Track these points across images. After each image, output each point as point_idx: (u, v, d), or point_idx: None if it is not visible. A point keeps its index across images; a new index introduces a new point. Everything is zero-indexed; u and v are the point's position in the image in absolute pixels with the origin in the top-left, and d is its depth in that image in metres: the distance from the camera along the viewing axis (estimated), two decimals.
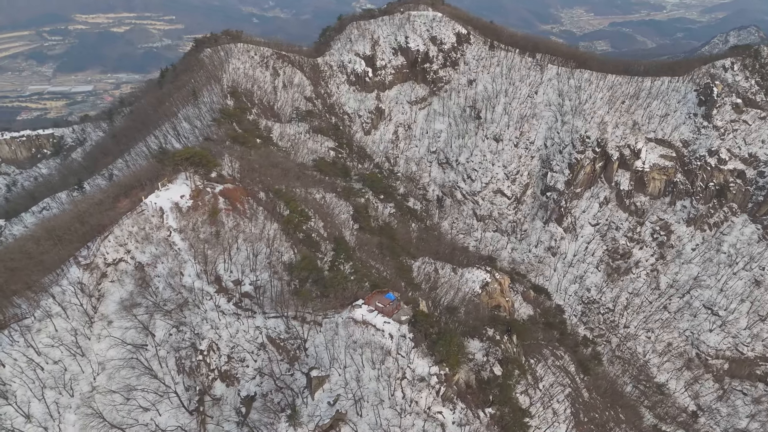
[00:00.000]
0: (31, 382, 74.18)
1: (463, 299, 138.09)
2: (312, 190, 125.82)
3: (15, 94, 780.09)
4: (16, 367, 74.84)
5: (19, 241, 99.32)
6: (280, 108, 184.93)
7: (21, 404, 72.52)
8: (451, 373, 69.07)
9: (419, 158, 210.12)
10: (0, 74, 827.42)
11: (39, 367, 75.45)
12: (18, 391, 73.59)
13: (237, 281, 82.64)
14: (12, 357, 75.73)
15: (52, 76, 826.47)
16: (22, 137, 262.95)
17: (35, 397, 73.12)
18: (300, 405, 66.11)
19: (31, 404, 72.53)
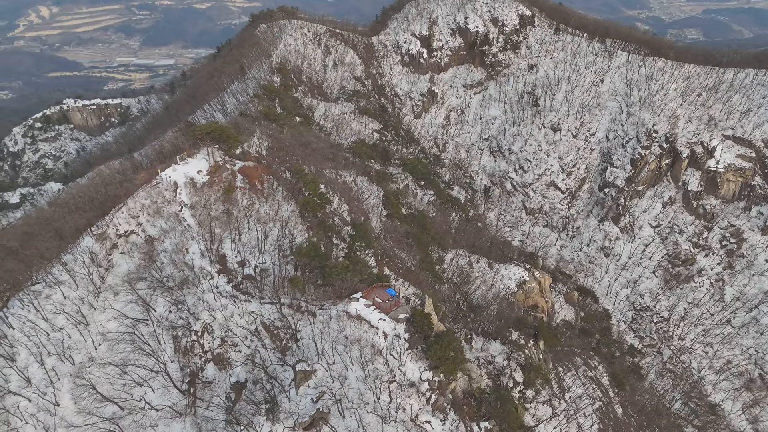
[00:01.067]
0: (34, 346, 75.41)
1: (497, 297, 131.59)
2: (343, 173, 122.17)
3: (104, 65, 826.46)
4: (23, 331, 76.36)
5: (42, 207, 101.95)
6: (329, 87, 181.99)
7: (23, 368, 74.02)
8: (447, 381, 63.81)
9: (470, 145, 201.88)
10: (91, 45, 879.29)
11: (44, 333, 76.63)
12: (21, 354, 75.18)
13: (242, 262, 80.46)
14: (21, 320, 77.34)
15: (138, 49, 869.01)
16: (93, 106, 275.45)
17: (36, 362, 74.28)
18: (282, 399, 63.10)
19: (31, 368, 73.84)
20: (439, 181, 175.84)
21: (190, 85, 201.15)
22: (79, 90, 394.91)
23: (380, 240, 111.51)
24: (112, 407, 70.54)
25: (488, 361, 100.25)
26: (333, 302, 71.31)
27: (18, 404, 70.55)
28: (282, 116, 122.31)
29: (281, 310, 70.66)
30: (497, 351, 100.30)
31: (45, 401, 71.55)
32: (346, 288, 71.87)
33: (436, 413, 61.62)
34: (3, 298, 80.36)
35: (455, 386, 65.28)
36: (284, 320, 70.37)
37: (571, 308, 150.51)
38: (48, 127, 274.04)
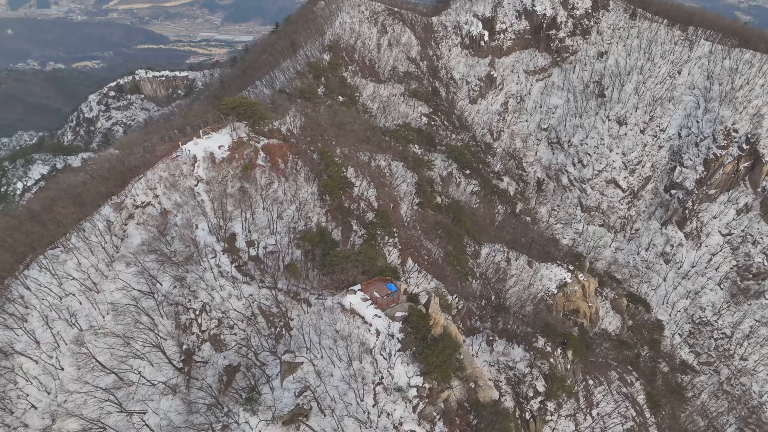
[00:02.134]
0: (46, 310, 77.03)
1: (534, 298, 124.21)
2: (378, 156, 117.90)
3: (187, 39, 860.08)
4: (38, 294, 78.14)
5: (70, 174, 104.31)
6: (381, 67, 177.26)
7: (33, 330, 75.81)
8: (439, 388, 59.03)
9: (527, 135, 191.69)
10: (178, 20, 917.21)
11: (56, 297, 78.09)
12: (34, 315, 77.01)
13: (251, 243, 78.46)
14: (37, 283, 79.16)
15: (220, 25, 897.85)
16: (162, 77, 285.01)
17: (46, 325, 75.81)
18: (266, 389, 60.66)
19: (39, 331, 75.45)
20: (487, 170, 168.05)
21: (245, 60, 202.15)
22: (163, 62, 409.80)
23: (407, 229, 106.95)
24: (111, 377, 70.91)
25: (509, 366, 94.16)
26: (331, 292, 67.89)
27: (21, 365, 72.34)
28: (318, 95, 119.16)
29: (276, 296, 68.04)
30: (519, 357, 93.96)
31: (49, 364, 73.00)
32: (346, 279, 68.17)
33: (423, 423, 57.15)
34: (25, 260, 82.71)
35: (449, 395, 60.38)
36: (280, 307, 67.72)
37: (617, 316, 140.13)
38: (121, 96, 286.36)
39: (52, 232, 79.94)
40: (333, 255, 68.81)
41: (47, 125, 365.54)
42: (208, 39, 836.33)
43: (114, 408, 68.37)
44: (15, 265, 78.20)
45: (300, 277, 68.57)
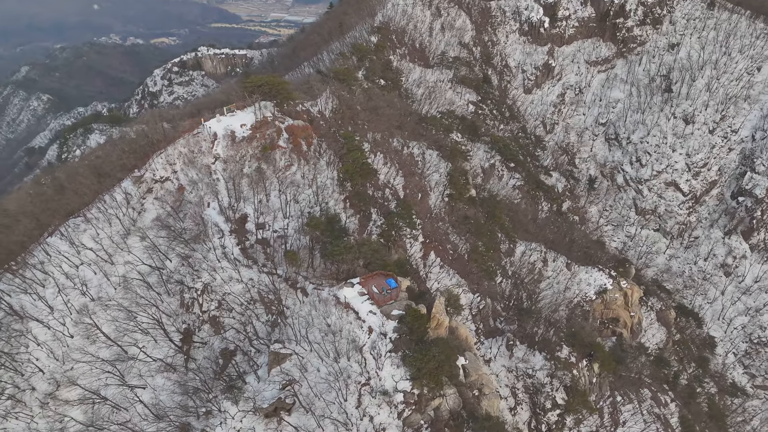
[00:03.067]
0: (64, 277, 78.48)
1: (569, 303, 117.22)
2: (412, 143, 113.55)
3: (258, 19, 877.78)
4: (56, 261, 79.71)
5: (98, 146, 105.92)
6: (432, 52, 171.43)
7: (48, 296, 77.46)
8: (430, 395, 55.19)
9: (582, 129, 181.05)
10: None
11: (73, 266, 79.41)
12: (51, 282, 78.64)
13: (261, 225, 76.77)
14: (57, 250, 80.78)
15: (291, 6, 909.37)
16: (222, 55, 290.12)
17: (60, 293, 77.23)
18: (252, 378, 58.93)
19: (54, 298, 76.96)
20: (534, 165, 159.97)
21: (295, 39, 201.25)
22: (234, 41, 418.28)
23: (433, 221, 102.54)
24: (112, 349, 71.41)
25: (527, 374, 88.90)
26: (331, 283, 65.11)
27: (31, 330, 74.03)
28: (355, 77, 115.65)
29: (274, 283, 65.94)
30: (539, 365, 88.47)
31: (59, 331, 74.36)
32: (347, 270, 65.15)
33: (407, 431, 53.59)
34: (49, 227, 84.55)
35: (440, 404, 56.41)
36: (277, 294, 65.64)
37: (662, 328, 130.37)
38: (183, 71, 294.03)
39: (75, 201, 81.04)
40: (335, 244, 65.81)
41: (121, 97, 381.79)
42: (279, 20, 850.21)
43: (113, 380, 68.88)
44: (40, 232, 79.84)
45: (298, 264, 66.13)
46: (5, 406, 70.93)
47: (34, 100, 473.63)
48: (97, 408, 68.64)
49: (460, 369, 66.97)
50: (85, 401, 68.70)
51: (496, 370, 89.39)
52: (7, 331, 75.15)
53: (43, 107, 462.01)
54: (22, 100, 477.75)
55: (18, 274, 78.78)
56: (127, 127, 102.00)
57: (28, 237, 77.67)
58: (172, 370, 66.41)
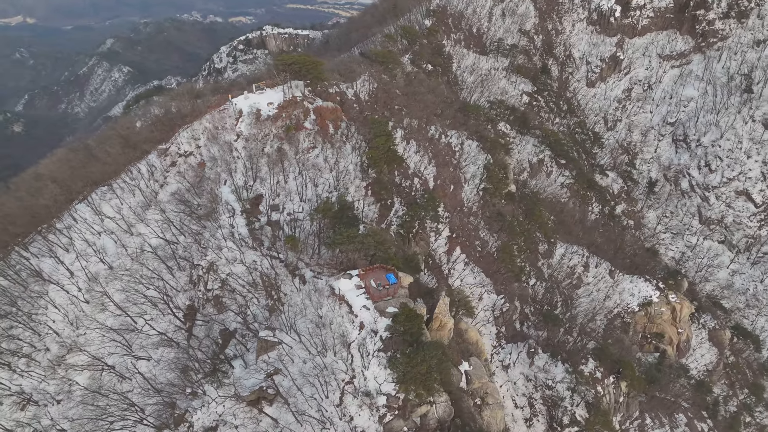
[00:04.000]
0: (85, 244, 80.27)
1: (608, 312, 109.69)
2: (451, 133, 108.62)
3: (333, 1, 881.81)
4: (80, 227, 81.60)
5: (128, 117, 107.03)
6: (490, 38, 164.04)
7: (69, 262, 79.46)
8: (416, 401, 51.65)
9: (648, 127, 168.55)
10: None
11: (95, 234, 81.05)
12: (73, 247, 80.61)
13: (275, 206, 75.11)
14: (83, 216, 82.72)
15: None
16: (285, 34, 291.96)
17: (82, 258, 79.03)
18: (239, 363, 57.55)
19: (75, 263, 78.86)
20: (589, 162, 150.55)
21: (352, 20, 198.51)
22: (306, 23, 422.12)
23: (463, 215, 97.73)
24: (120, 319, 72.24)
25: (547, 385, 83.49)
26: (331, 273, 62.53)
27: (48, 292, 76.14)
28: (397, 60, 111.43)
29: (274, 267, 64.08)
30: (560, 376, 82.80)
31: (75, 296, 76.11)
32: (350, 260, 62.30)
33: None
34: (81, 194, 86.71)
35: (428, 411, 52.75)
36: (272, 279, 63.80)
37: (714, 349, 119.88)
38: (248, 49, 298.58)
39: (102, 170, 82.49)
40: (338, 232, 62.99)
41: (193, 72, 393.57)
42: (352, 2, 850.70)
43: (118, 349, 69.67)
44: (66, 197, 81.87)
45: (299, 249, 63.89)
46: (20, 364, 73.58)
47: (116, 72, 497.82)
48: (102, 375, 69.78)
49: (463, 375, 63.19)
50: (92, 367, 69.94)
51: (513, 378, 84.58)
52: (27, 291, 77.83)
53: (123, 78, 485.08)
54: (105, 71, 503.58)
55: (45, 238, 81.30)
56: (160, 99, 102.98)
57: (54, 201, 79.59)
58: (172, 345, 66.18)
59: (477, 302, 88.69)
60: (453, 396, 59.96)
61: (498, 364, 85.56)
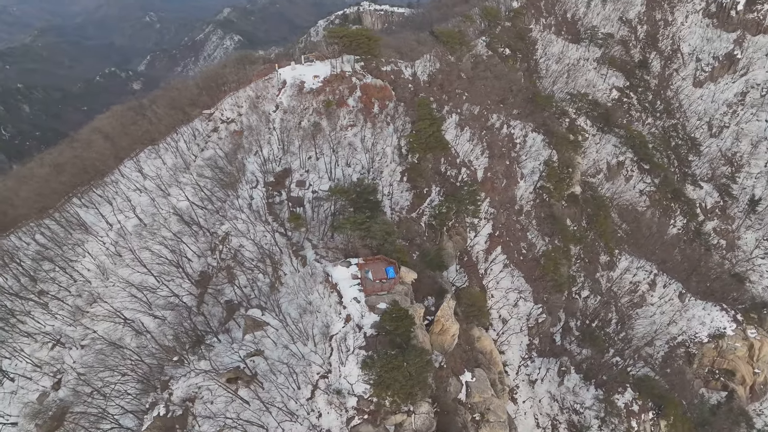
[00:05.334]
0: (126, 201, 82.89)
1: (671, 339, 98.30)
2: (515, 123, 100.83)
3: None
4: (124, 183, 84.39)
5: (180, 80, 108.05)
6: (585, 26, 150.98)
7: (110, 216, 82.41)
8: (391, 408, 47.45)
9: (760, 138, 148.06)
10: None
11: (136, 191, 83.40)
12: (117, 201, 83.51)
13: (301, 183, 72.88)
14: (129, 173, 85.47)
15: None
16: (381, 11, 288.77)
17: (121, 212, 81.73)
18: (226, 338, 56.34)
19: (113, 216, 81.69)
20: (680, 170, 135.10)
21: None
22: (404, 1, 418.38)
23: (513, 214, 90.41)
24: (140, 277, 73.70)
25: (574, 409, 75.97)
26: (336, 257, 59.32)
27: (85, 242, 79.37)
28: (466, 42, 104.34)
29: (278, 244, 61.88)
30: (590, 402, 74.85)
31: (109, 249, 78.83)
32: (354, 247, 58.71)
33: None
34: (130, 152, 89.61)
35: (404, 421, 48.38)
36: (280, 256, 61.65)
37: None
38: (344, 24, 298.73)
39: (151, 129, 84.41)
40: (346, 216, 59.38)
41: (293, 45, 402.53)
42: None
43: (136, 306, 71.10)
44: (113, 152, 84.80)
45: (305, 228, 61.21)
46: (52, 305, 77.57)
47: (228, 40, 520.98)
48: (120, 328, 71.76)
49: (463, 386, 58.10)
50: (110, 319, 72.07)
51: (539, 395, 77.71)
52: (72, 238, 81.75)
53: (233, 46, 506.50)
54: (219, 38, 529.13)
55: (93, 190, 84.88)
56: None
57: (100, 155, 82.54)
58: (176, 309, 66.40)
59: (511, 309, 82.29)
60: (446, 408, 55.38)
61: (525, 378, 78.95)
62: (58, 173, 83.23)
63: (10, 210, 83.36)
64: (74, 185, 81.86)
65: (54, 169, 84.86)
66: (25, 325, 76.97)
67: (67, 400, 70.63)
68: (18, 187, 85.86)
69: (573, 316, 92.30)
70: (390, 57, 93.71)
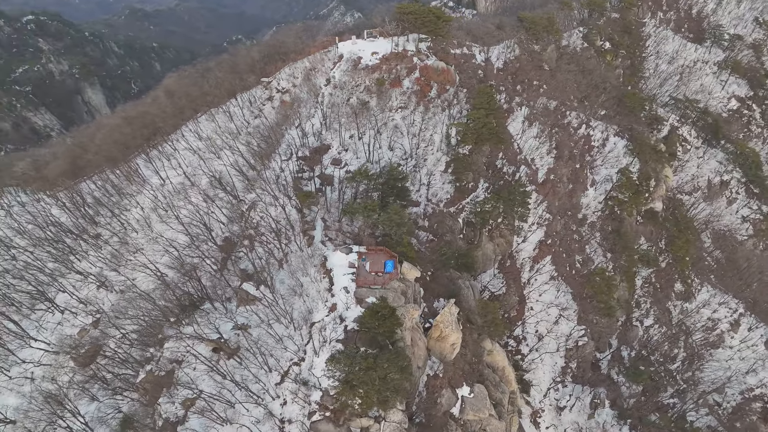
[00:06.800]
0: (178, 159, 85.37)
1: (747, 390, 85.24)
2: (596, 123, 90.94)
3: None
4: (180, 142, 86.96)
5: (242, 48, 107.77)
6: (712, 23, 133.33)
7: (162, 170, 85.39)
8: (358, 410, 43.92)
9: None
10: None
11: (190, 150, 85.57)
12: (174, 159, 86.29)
13: (338, 161, 70.47)
14: (187, 134, 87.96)
15: None
16: None
17: (173, 169, 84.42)
18: (220, 308, 55.76)
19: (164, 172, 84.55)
20: None
21: None
22: None
23: (573, 223, 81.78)
24: (178, 235, 75.52)
25: None
26: (343, 241, 56.38)
27: (137, 194, 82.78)
28: (554, 30, 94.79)
29: (291, 220, 59.90)
30: None
31: (156, 203, 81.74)
32: (361, 234, 55.30)
33: None
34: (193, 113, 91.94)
35: (371, 427, 44.64)
36: (292, 232, 59.73)
37: None
38: (457, 7, 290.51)
39: (211, 93, 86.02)
40: (359, 201, 55.95)
41: None
42: None
43: (165, 260, 72.99)
44: (175, 111, 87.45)
45: (315, 205, 58.70)
46: (104, 250, 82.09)
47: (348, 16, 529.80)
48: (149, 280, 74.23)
49: (459, 400, 53.24)
50: (147, 270, 74.78)
51: (564, 424, 70.29)
52: (131, 188, 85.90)
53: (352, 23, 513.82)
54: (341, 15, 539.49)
55: (157, 147, 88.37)
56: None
57: (162, 113, 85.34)
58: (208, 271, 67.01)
59: (550, 326, 74.82)
60: (433, 420, 51.18)
61: (552, 403, 71.66)
62: (127, 125, 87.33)
63: (84, 155, 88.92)
64: (135, 137, 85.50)
65: (124, 121, 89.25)
66: (80, 264, 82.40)
67: (101, 339, 74.67)
68: (94, 134, 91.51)
69: (628, 344, 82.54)
70: (463, 40, 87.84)
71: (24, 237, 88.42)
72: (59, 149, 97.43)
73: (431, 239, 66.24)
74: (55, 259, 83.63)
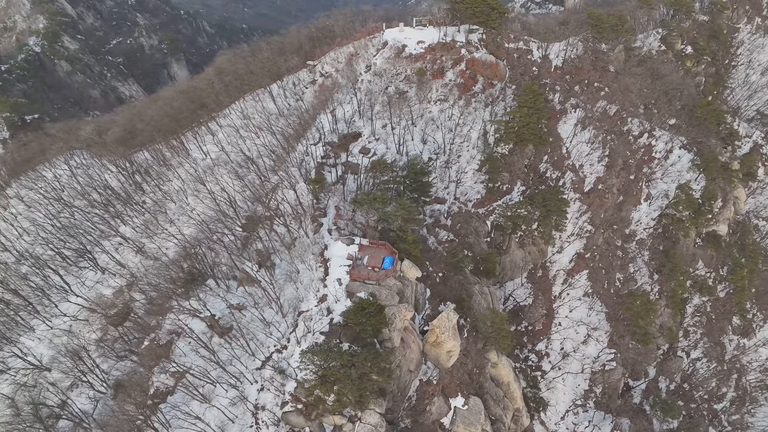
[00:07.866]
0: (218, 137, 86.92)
1: None
2: (660, 133, 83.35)
3: None
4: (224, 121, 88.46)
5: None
6: None
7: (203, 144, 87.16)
8: (331, 407, 42.17)
9: None
10: None
11: (233, 129, 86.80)
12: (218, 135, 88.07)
13: (366, 150, 68.68)
14: (232, 113, 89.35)
15: None
16: None
17: (215, 145, 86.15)
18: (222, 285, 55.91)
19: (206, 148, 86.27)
20: None
21: None
22: None
23: (618, 238, 75.47)
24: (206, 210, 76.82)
25: None
26: (350, 231, 54.66)
27: (179, 167, 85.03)
28: (623, 28, 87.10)
29: (303, 205, 58.82)
30: None
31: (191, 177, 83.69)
32: (366, 225, 53.33)
33: (282, 426, 43.07)
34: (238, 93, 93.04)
35: (346, 426, 42.81)
36: (303, 218, 58.74)
37: None
38: (543, 3, 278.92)
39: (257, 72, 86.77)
40: (368, 193, 53.89)
41: None
42: None
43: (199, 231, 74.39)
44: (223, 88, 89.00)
45: (321, 192, 57.21)
46: (143, 219, 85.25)
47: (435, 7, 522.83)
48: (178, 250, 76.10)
49: (451, 411, 50.38)
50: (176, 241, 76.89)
51: None
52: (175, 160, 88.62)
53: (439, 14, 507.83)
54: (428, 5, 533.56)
55: (204, 123, 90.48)
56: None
57: (210, 90, 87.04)
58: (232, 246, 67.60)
59: (577, 344, 69.60)
60: (420, 428, 48.78)
61: (570, 427, 66.71)
62: (179, 98, 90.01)
63: (139, 124, 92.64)
64: (182, 111, 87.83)
65: (177, 95, 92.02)
66: (123, 228, 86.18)
67: (132, 302, 77.69)
68: (148, 106, 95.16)
69: (668, 375, 75.53)
70: (520, 34, 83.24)
71: (82, 198, 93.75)
72: (120, 117, 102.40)
73: (451, 239, 63.10)
74: (103, 221, 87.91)
